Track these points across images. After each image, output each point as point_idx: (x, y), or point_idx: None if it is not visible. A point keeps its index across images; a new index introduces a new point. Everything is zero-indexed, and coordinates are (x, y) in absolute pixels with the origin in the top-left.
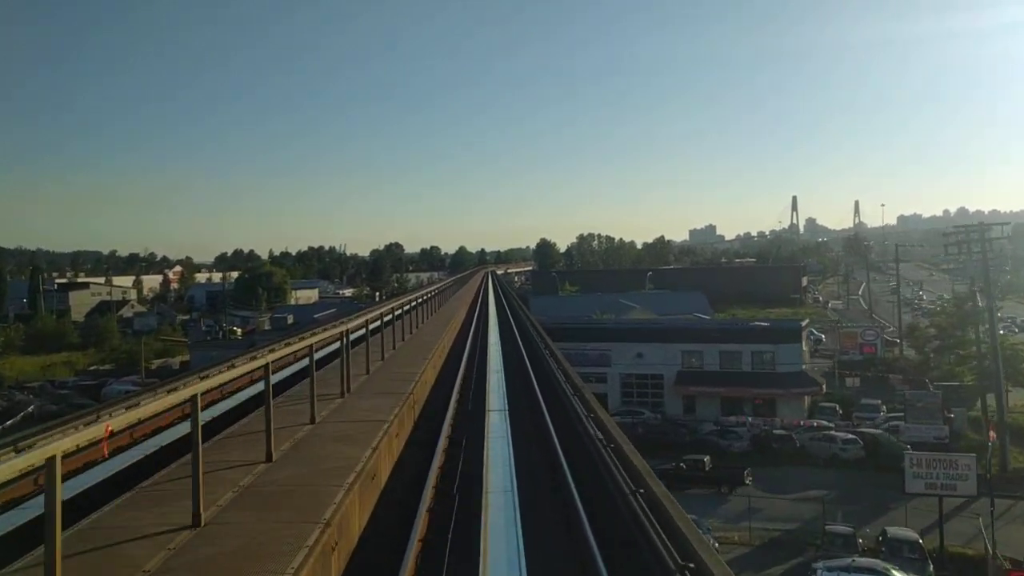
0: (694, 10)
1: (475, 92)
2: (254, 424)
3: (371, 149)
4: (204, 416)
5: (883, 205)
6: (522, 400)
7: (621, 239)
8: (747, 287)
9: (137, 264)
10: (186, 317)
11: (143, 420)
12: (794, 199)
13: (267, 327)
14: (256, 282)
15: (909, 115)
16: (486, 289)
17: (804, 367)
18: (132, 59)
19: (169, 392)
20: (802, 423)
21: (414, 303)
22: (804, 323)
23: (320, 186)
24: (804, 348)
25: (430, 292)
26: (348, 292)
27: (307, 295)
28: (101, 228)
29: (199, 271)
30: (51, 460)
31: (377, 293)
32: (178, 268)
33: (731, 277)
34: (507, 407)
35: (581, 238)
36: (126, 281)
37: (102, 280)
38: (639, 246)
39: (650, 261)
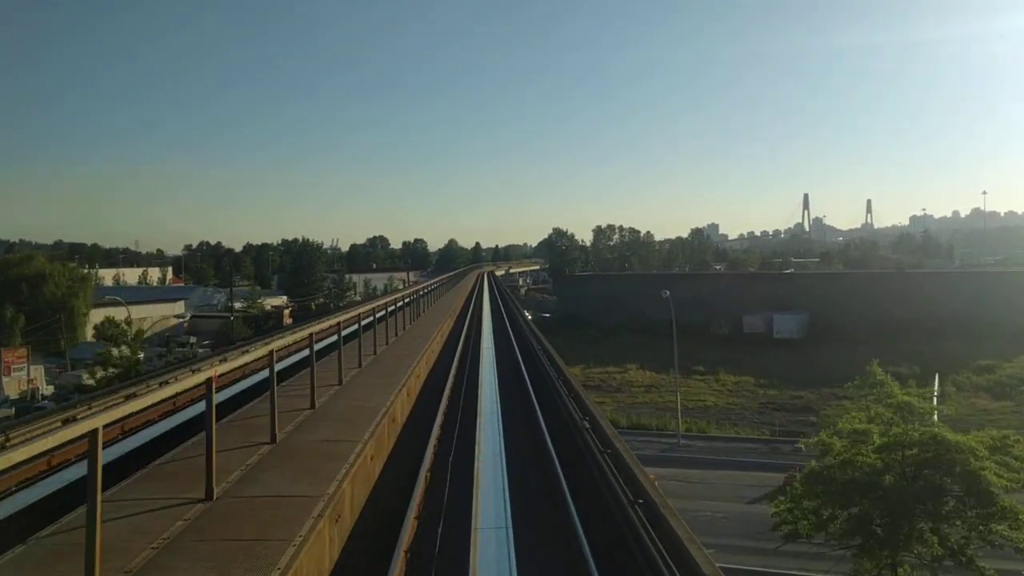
0: (690, 7)
1: (470, 91)
2: None
3: (369, 144)
4: None
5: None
6: None
7: (649, 232)
8: (965, 310)
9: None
10: None
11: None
12: (806, 197)
13: None
14: None
15: (916, 115)
16: (478, 327)
17: None
18: (128, 55)
19: None
20: None
21: None
22: None
23: (319, 181)
24: None
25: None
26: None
27: (161, 313)
28: (91, 221)
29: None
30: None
31: (289, 308)
32: None
33: (954, 291)
34: None
35: (598, 230)
36: None
37: None
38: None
39: (683, 260)
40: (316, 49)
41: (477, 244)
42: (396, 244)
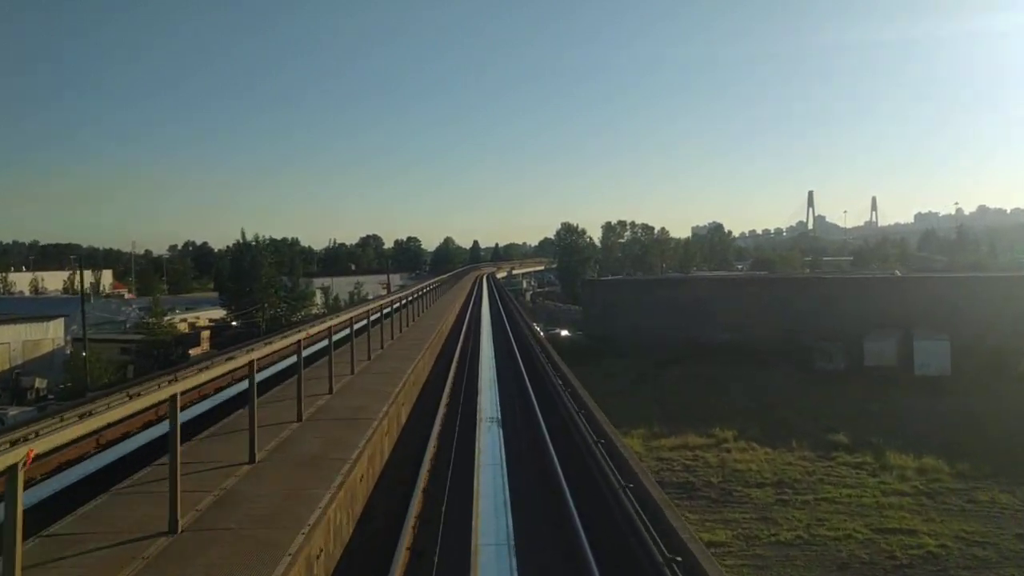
0: (692, 5)
1: (470, 89)
2: None
3: (368, 144)
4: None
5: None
6: None
7: (664, 228)
8: None
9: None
10: None
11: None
12: (810, 194)
13: None
14: None
15: (920, 112)
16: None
17: None
18: (131, 54)
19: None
20: None
21: None
22: None
23: (318, 180)
24: None
25: None
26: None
27: (28, 336)
28: (89, 222)
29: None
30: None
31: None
32: None
33: None
34: None
35: (608, 226)
36: None
37: None
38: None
39: (700, 259)
40: (314, 49)
41: (475, 243)
42: (391, 244)
